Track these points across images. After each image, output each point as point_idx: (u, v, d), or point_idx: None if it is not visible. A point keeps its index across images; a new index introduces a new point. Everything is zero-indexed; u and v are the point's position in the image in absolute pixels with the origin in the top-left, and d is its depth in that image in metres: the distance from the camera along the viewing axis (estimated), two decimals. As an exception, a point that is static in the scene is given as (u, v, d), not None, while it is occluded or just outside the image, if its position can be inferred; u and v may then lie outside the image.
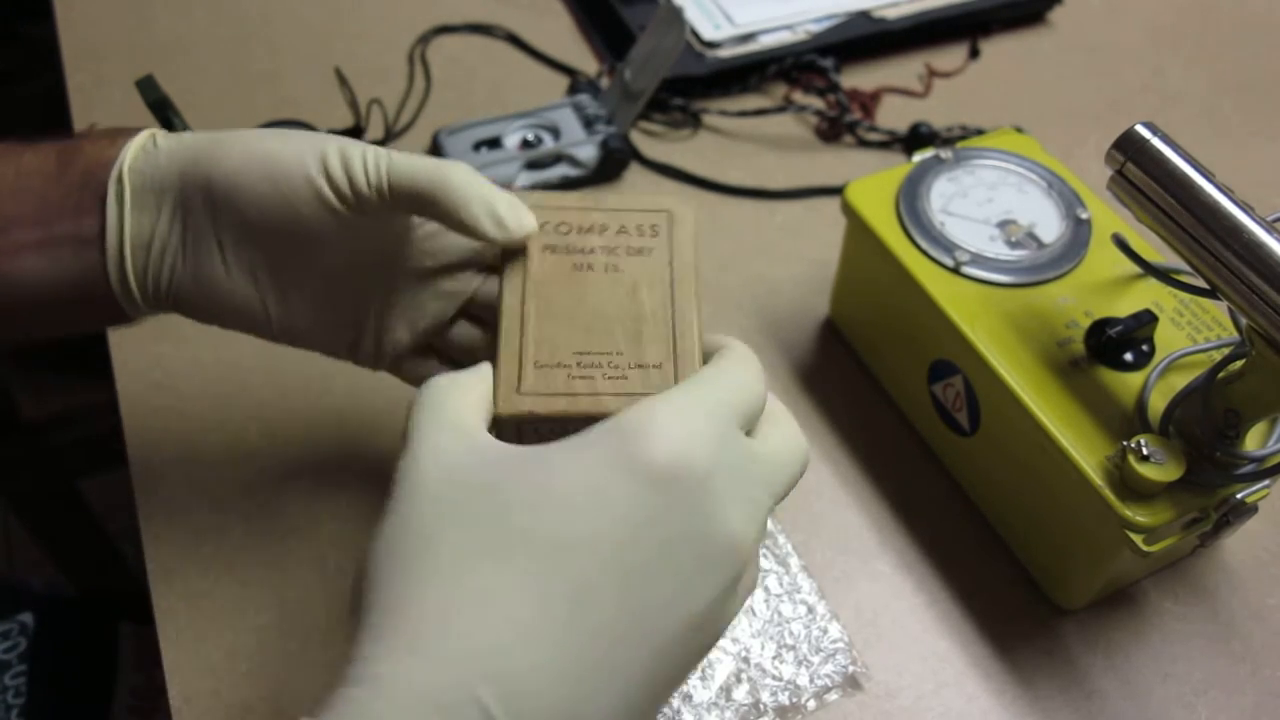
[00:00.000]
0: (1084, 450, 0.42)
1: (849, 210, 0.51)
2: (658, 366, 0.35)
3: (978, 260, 0.48)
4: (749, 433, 0.32)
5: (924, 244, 0.48)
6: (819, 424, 0.53)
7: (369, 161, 0.36)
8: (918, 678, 0.45)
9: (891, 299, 0.51)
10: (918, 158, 0.52)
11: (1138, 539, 0.40)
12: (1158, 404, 0.42)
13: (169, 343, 0.54)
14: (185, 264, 0.38)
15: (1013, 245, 0.49)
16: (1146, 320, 0.44)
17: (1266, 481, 0.41)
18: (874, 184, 0.51)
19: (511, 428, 0.34)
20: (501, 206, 0.36)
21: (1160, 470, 0.39)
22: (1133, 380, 0.44)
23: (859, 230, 0.51)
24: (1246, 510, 0.41)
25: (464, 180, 0.36)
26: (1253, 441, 0.41)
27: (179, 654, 0.43)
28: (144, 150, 0.37)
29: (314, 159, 0.36)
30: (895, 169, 0.52)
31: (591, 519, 0.27)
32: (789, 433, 0.33)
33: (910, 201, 0.50)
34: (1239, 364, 0.40)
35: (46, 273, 0.37)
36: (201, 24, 0.74)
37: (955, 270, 0.47)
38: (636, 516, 0.28)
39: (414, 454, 0.31)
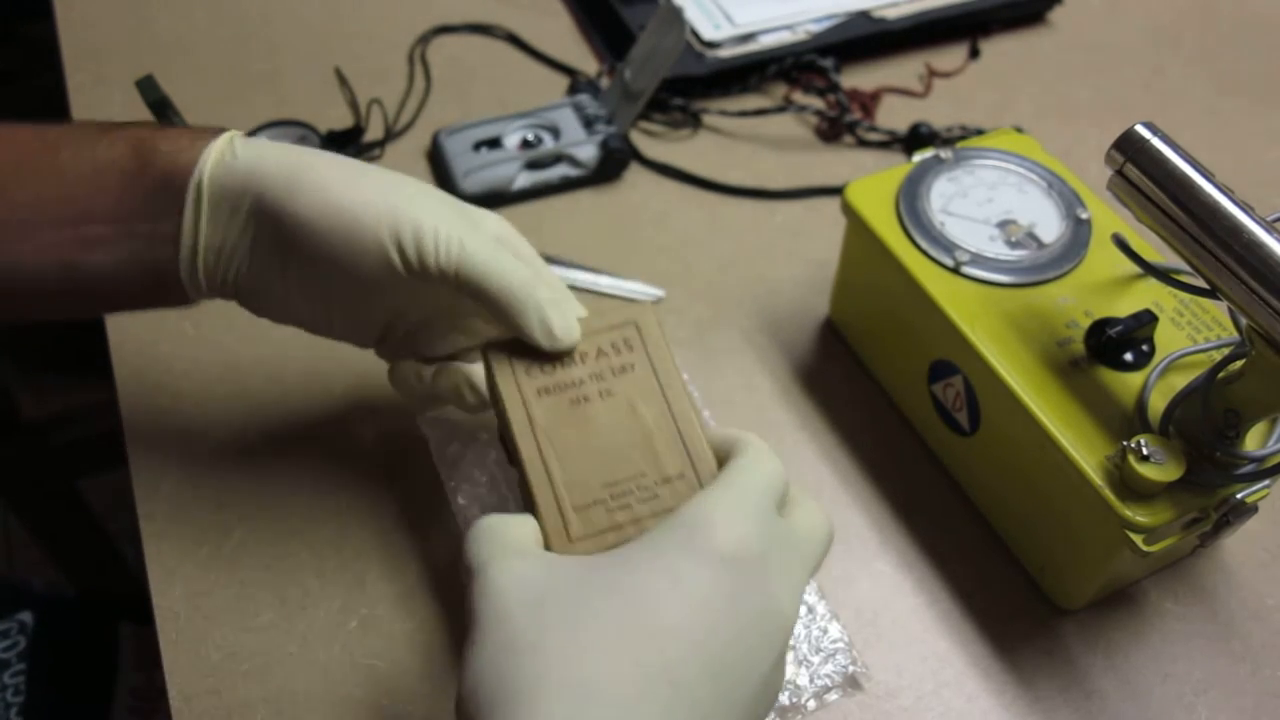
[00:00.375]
0: (1084, 450, 0.42)
1: (849, 210, 0.51)
2: (681, 476, 0.38)
3: (978, 260, 0.48)
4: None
5: (924, 244, 0.48)
6: (819, 424, 0.53)
7: (440, 246, 0.38)
8: (918, 678, 0.45)
9: (891, 299, 0.51)
10: (918, 158, 0.52)
11: (1138, 539, 0.40)
12: (1158, 404, 0.42)
13: (169, 343, 0.54)
14: (250, 270, 0.40)
15: (1013, 245, 0.48)
16: (1146, 320, 0.44)
17: (1266, 481, 0.41)
18: (874, 184, 0.51)
19: None
20: (555, 321, 0.39)
21: (1160, 470, 0.39)
22: (1133, 380, 0.44)
23: (859, 230, 0.51)
24: (1246, 510, 0.41)
25: (524, 289, 0.39)
26: (1253, 441, 0.41)
27: (179, 654, 0.43)
28: (223, 161, 0.38)
29: (389, 229, 0.38)
30: (895, 169, 0.52)
31: (677, 605, 0.30)
32: (812, 510, 0.36)
33: (910, 201, 0.50)
34: (1239, 364, 0.40)
35: (120, 265, 0.39)
36: (201, 24, 0.74)
37: (955, 270, 0.47)
38: (714, 598, 0.31)
39: (490, 580, 0.32)
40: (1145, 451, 0.39)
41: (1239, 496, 0.41)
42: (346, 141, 0.64)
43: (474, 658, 0.30)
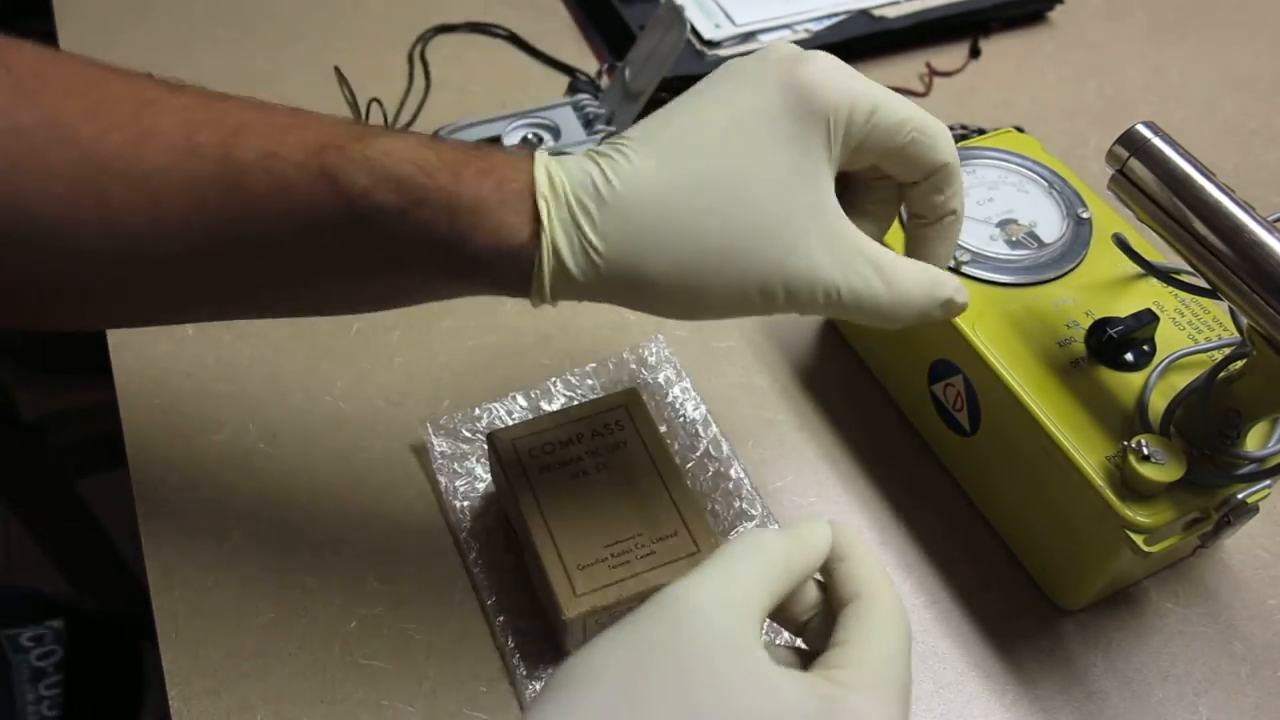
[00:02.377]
0: (1085, 450, 0.42)
1: None
2: (675, 534, 0.43)
3: (978, 260, 0.48)
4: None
5: None
6: (819, 424, 0.53)
7: (818, 295, 0.35)
8: (917, 678, 0.45)
9: None
10: None
11: (1138, 539, 0.39)
12: (1158, 404, 0.42)
13: (169, 343, 0.54)
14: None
15: (1013, 245, 0.48)
16: (1147, 320, 0.44)
17: (1267, 482, 0.41)
18: None
19: (579, 625, 0.41)
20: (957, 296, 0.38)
21: (1161, 470, 0.39)
22: (1133, 380, 0.44)
23: None
24: (1247, 510, 0.41)
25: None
26: (1253, 441, 0.41)
27: (179, 654, 0.43)
28: (563, 277, 0.34)
29: (757, 291, 0.34)
30: None
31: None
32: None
33: None
34: (1240, 364, 0.40)
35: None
36: (201, 23, 0.73)
37: (955, 270, 0.47)
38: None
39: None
40: (1146, 451, 0.39)
41: (1240, 497, 0.41)
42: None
43: None
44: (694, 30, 0.71)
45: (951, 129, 0.67)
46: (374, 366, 0.54)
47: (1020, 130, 0.56)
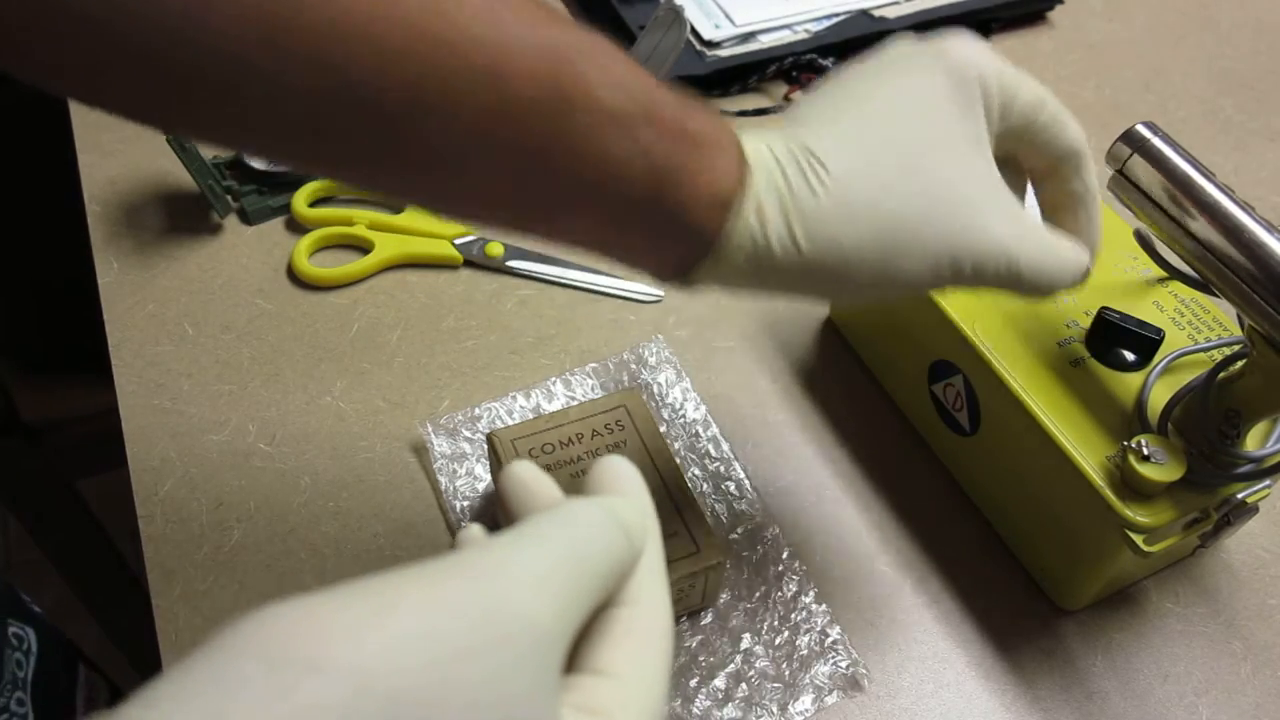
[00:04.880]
0: (1084, 450, 0.42)
1: None
2: (675, 535, 0.42)
3: None
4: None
5: None
6: (819, 424, 0.53)
7: (1002, 267, 0.34)
8: (918, 678, 0.45)
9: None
10: None
11: (1138, 539, 0.40)
12: (1158, 403, 0.42)
13: (169, 343, 0.54)
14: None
15: None
16: (1151, 333, 0.44)
17: (1267, 481, 0.41)
18: None
19: None
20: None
21: (1161, 470, 0.39)
22: (1133, 380, 0.44)
23: None
24: (1247, 510, 0.41)
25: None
26: (1253, 441, 0.41)
27: (179, 654, 0.43)
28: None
29: (947, 264, 0.33)
30: None
31: None
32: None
33: None
34: (1240, 364, 0.40)
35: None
36: (201, 24, 0.73)
37: None
38: None
39: None
40: (1146, 451, 0.39)
41: (1239, 496, 0.41)
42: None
43: None
44: (694, 30, 0.71)
45: (951, 129, 0.68)
46: (374, 366, 0.54)
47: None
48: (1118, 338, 0.44)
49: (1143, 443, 0.39)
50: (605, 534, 0.24)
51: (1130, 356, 0.44)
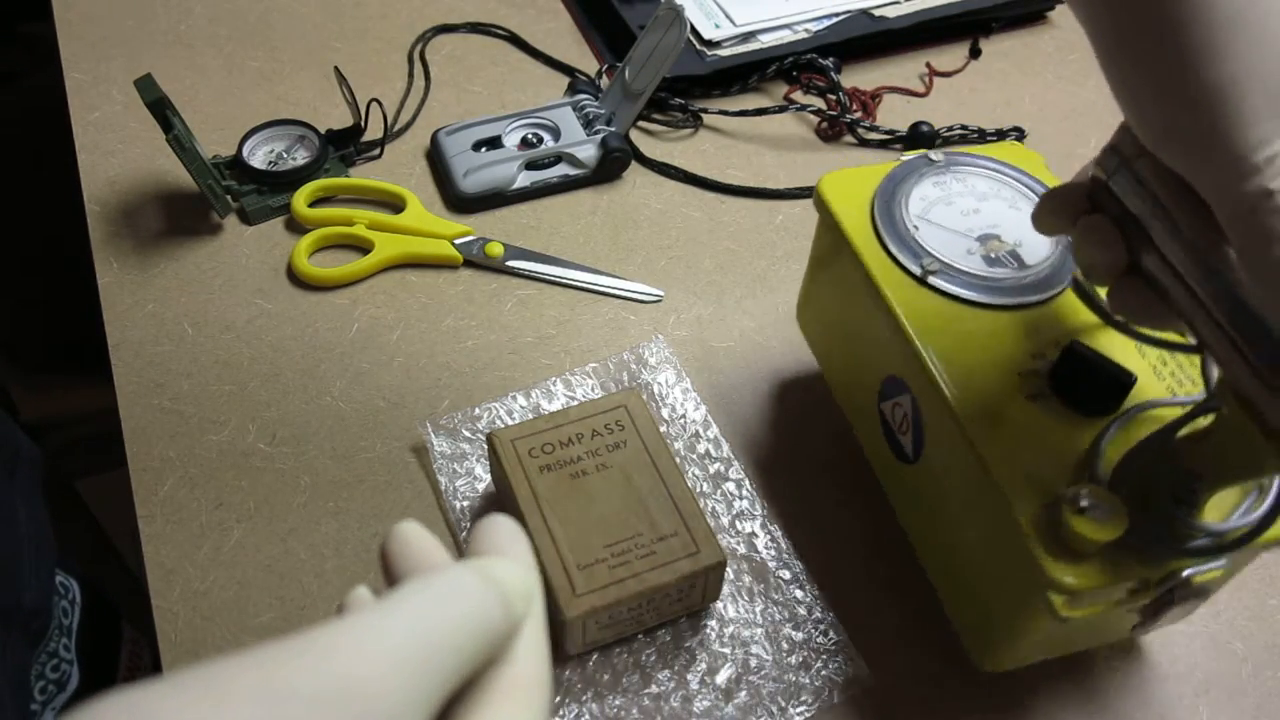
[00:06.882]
0: (1020, 492, 0.37)
1: (819, 202, 0.47)
2: (675, 534, 0.43)
3: (947, 271, 0.43)
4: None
5: (893, 247, 0.44)
6: (819, 423, 0.53)
7: None
8: (918, 679, 0.45)
9: (852, 305, 0.47)
10: (906, 156, 0.48)
11: (1057, 600, 0.35)
12: (1113, 455, 0.37)
13: (169, 343, 0.54)
14: None
15: (991, 262, 0.44)
16: (1121, 375, 0.38)
17: (1222, 561, 0.36)
18: (852, 178, 0.47)
19: (579, 625, 0.41)
20: None
21: (1096, 527, 0.34)
22: (1093, 427, 0.39)
23: (827, 225, 0.46)
24: (1194, 593, 0.36)
25: None
26: (1214, 513, 0.36)
27: (179, 654, 0.43)
28: None
29: None
30: (878, 165, 0.48)
31: None
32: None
33: (886, 201, 0.46)
34: (1207, 420, 0.35)
35: None
36: (200, 23, 0.73)
37: (921, 280, 0.43)
38: None
39: None
40: (1084, 504, 0.34)
41: (1186, 574, 0.35)
42: (346, 141, 0.64)
43: None
44: (694, 30, 0.71)
45: (951, 129, 0.68)
46: (374, 366, 0.54)
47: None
48: (1084, 376, 0.39)
49: (1082, 494, 0.34)
50: (475, 602, 0.22)
51: (1095, 399, 0.39)
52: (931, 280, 0.43)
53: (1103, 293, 0.37)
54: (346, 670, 0.20)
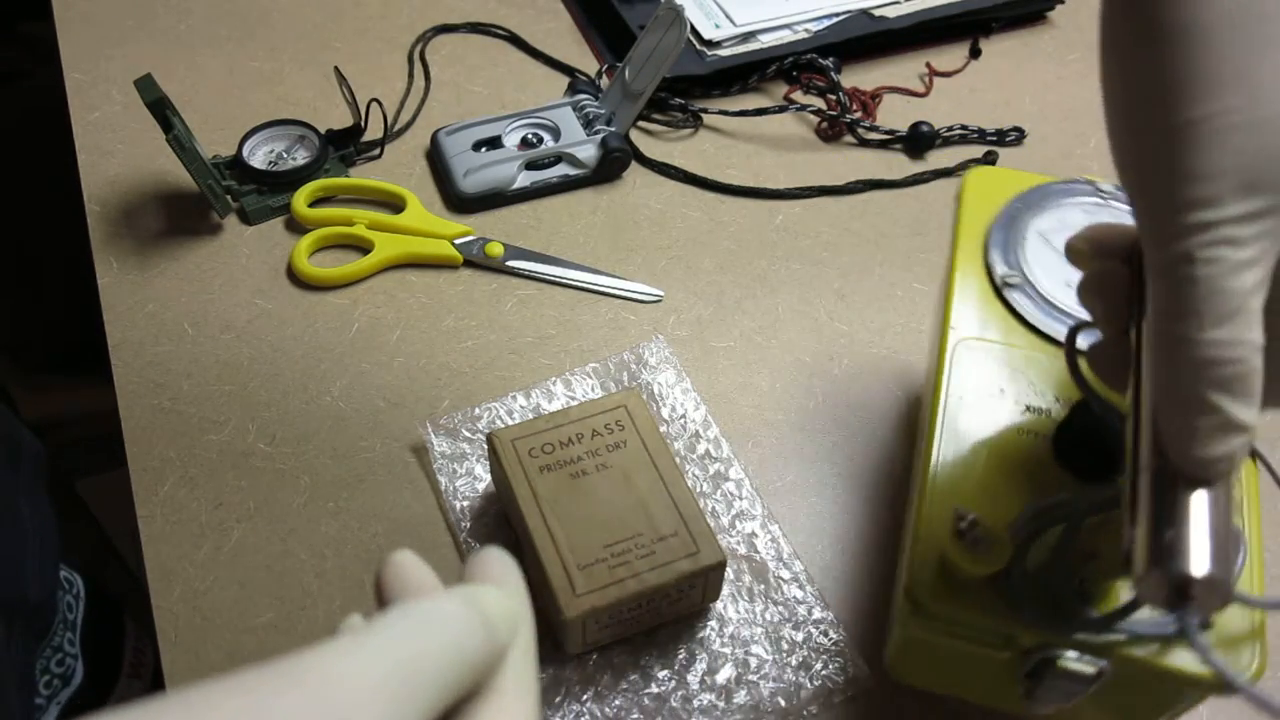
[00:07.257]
0: (940, 493, 0.36)
1: (959, 196, 0.46)
2: (675, 534, 0.43)
3: (1025, 288, 0.42)
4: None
5: (993, 246, 0.43)
6: (819, 423, 0.53)
7: None
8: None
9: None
10: (1072, 178, 0.45)
11: (905, 608, 0.35)
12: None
13: (169, 343, 0.54)
14: None
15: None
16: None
17: (1087, 660, 0.33)
18: (1001, 179, 0.46)
19: (579, 625, 0.41)
20: None
21: (967, 558, 0.33)
22: (1063, 483, 0.36)
23: (957, 215, 0.46)
24: (1060, 676, 0.33)
25: None
26: (1110, 603, 0.34)
27: (179, 654, 0.43)
28: None
29: None
30: (1037, 176, 0.46)
31: None
32: None
33: (1022, 208, 0.44)
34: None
35: None
36: (200, 23, 0.73)
37: (997, 290, 0.42)
38: None
39: None
40: (965, 528, 0.33)
41: (1054, 653, 0.33)
42: (346, 141, 0.64)
43: None
44: (694, 30, 0.71)
45: (951, 129, 0.68)
46: (374, 366, 0.54)
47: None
48: (1084, 436, 0.37)
49: (972, 520, 0.33)
50: (459, 631, 0.23)
51: (1088, 463, 0.36)
52: (1005, 292, 0.42)
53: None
54: (325, 696, 0.20)
